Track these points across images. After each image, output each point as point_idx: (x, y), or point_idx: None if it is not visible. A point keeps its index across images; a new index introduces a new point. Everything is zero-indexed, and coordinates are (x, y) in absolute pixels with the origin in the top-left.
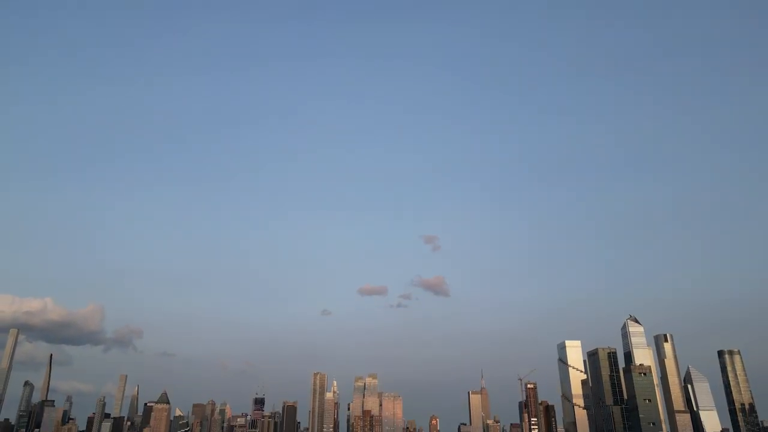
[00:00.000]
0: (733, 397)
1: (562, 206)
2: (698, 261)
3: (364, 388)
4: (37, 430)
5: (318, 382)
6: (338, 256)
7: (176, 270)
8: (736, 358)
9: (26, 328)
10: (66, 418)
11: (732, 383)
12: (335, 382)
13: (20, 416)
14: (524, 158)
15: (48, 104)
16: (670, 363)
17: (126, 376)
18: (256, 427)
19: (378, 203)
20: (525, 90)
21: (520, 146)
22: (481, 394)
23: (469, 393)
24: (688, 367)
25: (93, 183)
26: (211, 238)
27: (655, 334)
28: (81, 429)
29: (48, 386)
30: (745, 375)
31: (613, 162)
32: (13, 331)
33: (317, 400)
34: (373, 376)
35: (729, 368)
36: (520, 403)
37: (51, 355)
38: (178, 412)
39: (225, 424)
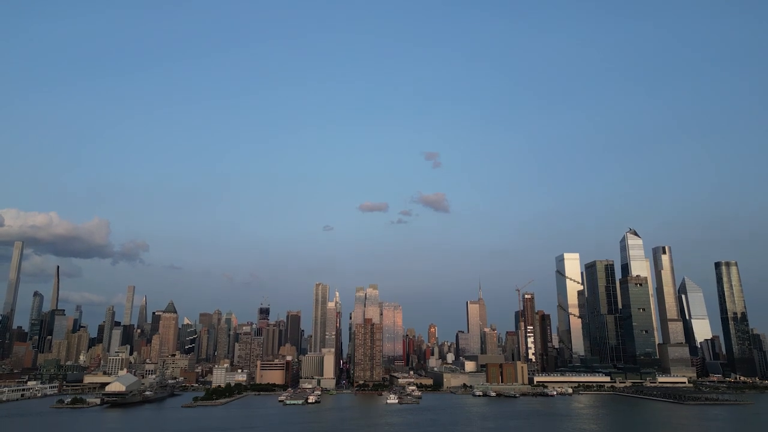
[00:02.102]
0: (726, 306)
1: (562, 123)
2: (699, 174)
3: (365, 298)
4: (49, 337)
5: (320, 292)
6: (340, 173)
7: (180, 186)
8: (733, 269)
9: (33, 242)
10: (77, 326)
11: (726, 293)
12: (337, 293)
13: (32, 324)
14: (525, 78)
15: (61, 19)
16: (666, 274)
17: (134, 287)
18: (261, 335)
19: (379, 120)
20: (522, 14)
21: (520, 66)
22: (479, 304)
23: (467, 303)
24: (684, 278)
25: (99, 98)
26: (216, 155)
27: (653, 246)
28: (92, 336)
29: (57, 296)
30: (740, 285)
31: (612, 77)
32: (17, 244)
33: (319, 309)
34: (374, 287)
35: (725, 279)
36: (516, 312)
37: (58, 266)
38: (186, 321)
39: (231, 332)
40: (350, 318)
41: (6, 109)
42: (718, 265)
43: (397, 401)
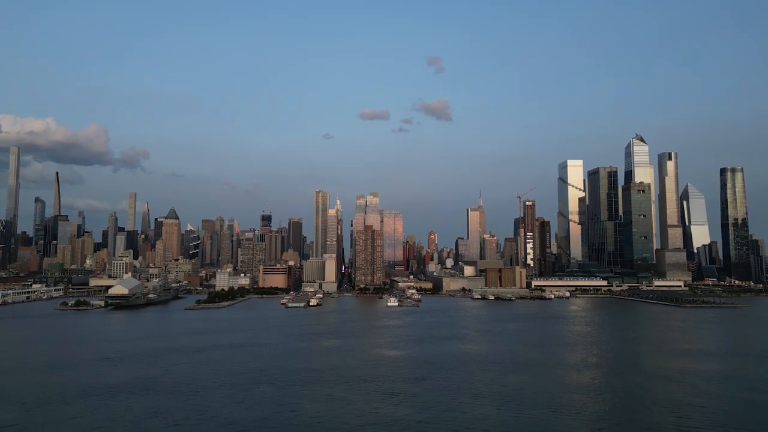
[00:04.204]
0: (728, 212)
1: (567, 30)
2: (706, 80)
3: (366, 206)
4: (54, 242)
5: (320, 200)
6: (339, 79)
7: (179, 93)
8: (738, 175)
9: (32, 149)
10: (81, 232)
11: (729, 199)
12: (338, 200)
13: (37, 229)
14: None
15: None
16: (670, 181)
17: (135, 193)
18: (264, 241)
19: (379, 24)
20: None
21: None
22: (479, 211)
23: (467, 210)
24: (687, 184)
25: (99, 7)
26: (217, 63)
27: (659, 153)
28: (97, 241)
29: (59, 202)
30: (744, 192)
31: None
32: (13, 149)
33: (320, 216)
34: (375, 195)
35: (729, 185)
36: (516, 219)
37: (57, 172)
38: (189, 227)
39: (234, 238)
40: (351, 225)
41: (3, 15)
42: (723, 171)
43: (397, 304)
